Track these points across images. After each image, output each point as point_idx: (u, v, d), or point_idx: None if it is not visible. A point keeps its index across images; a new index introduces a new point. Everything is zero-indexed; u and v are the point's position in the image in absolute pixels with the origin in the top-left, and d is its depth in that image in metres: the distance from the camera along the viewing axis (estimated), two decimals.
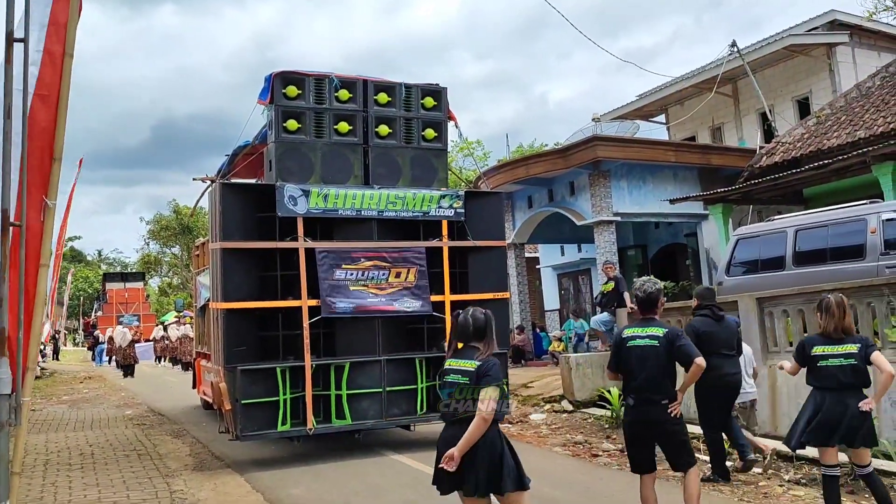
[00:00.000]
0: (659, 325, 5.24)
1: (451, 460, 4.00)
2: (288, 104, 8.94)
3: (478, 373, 4.09)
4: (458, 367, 4.21)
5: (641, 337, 5.17)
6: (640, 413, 5.17)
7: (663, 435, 5.21)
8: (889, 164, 12.60)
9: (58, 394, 19.11)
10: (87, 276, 61.97)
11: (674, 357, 5.12)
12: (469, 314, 4.30)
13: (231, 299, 8.38)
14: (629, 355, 5.19)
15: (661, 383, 5.11)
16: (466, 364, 4.18)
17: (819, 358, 5.35)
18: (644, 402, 5.12)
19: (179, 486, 7.58)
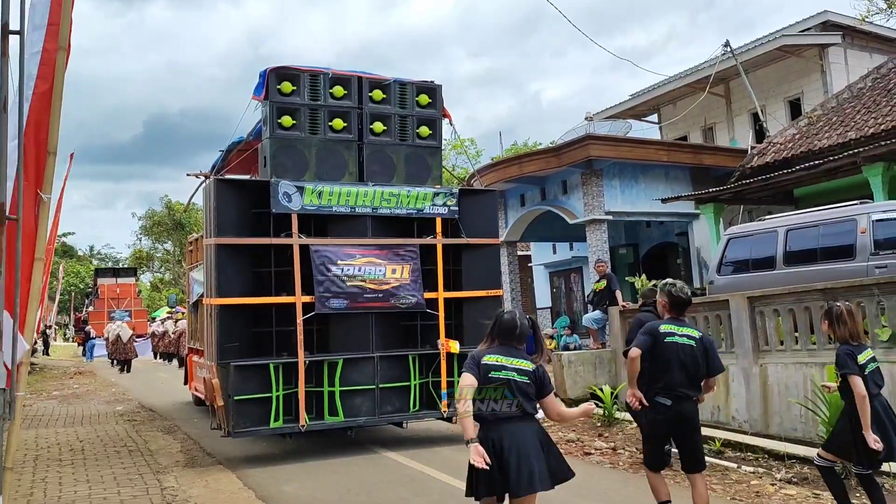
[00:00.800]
0: (691, 327, 5.38)
1: None
2: (282, 100, 8.93)
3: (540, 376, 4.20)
4: (515, 366, 4.18)
5: (679, 335, 5.23)
6: (676, 410, 5.18)
7: (693, 431, 5.27)
8: (879, 166, 12.69)
9: (48, 389, 19.02)
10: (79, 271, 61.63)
11: (706, 361, 5.22)
12: (517, 317, 4.33)
13: (224, 295, 8.36)
14: (667, 351, 5.19)
15: (695, 382, 5.22)
16: (524, 364, 4.20)
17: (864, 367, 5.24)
18: (680, 398, 5.17)
19: (171, 483, 7.56)
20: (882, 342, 7.89)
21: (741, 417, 9.38)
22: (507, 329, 4.28)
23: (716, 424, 9.63)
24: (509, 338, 4.27)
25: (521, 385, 4.14)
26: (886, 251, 9.52)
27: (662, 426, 5.30)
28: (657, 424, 5.34)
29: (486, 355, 4.22)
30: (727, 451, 8.49)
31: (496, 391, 4.14)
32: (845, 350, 5.27)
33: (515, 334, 4.27)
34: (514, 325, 4.27)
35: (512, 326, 4.27)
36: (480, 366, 4.17)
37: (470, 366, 4.19)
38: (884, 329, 7.92)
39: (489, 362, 4.19)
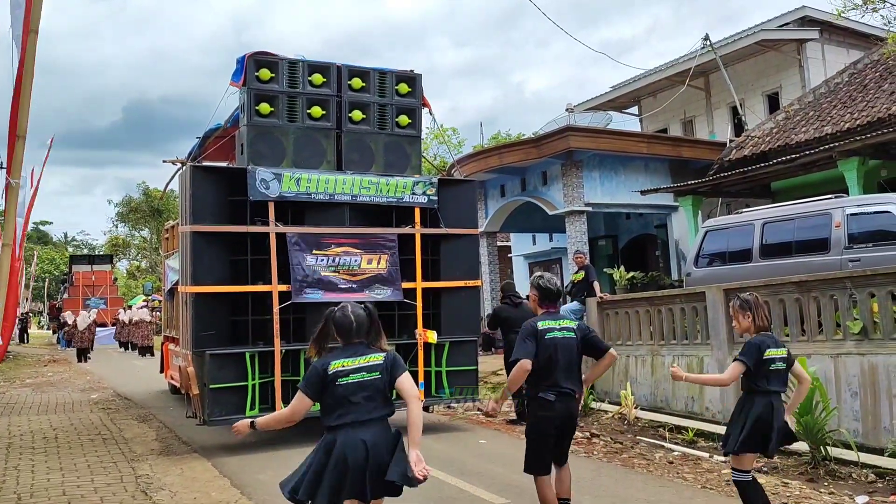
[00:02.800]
0: (567, 318, 5.11)
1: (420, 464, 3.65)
2: (261, 87, 8.85)
3: (390, 363, 3.87)
4: (363, 365, 3.85)
5: (558, 329, 4.94)
6: (564, 407, 4.90)
7: (573, 430, 5.06)
8: (854, 160, 12.85)
9: (21, 377, 18.81)
10: (53, 257, 60.92)
11: (586, 349, 4.98)
12: (349, 311, 3.99)
13: (200, 283, 8.30)
14: (548, 348, 4.88)
15: (578, 376, 4.98)
16: (372, 358, 3.87)
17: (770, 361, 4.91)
18: (565, 395, 4.89)
19: (145, 471, 7.51)
20: (853, 335, 8.00)
21: (714, 408, 9.48)
22: (344, 329, 3.94)
23: (689, 414, 9.74)
24: (349, 337, 3.93)
25: (377, 382, 3.82)
26: (860, 245, 9.65)
27: (550, 424, 4.90)
28: (545, 422, 4.92)
29: (333, 362, 3.83)
30: (700, 441, 8.59)
31: (353, 396, 3.78)
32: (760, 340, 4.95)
33: (353, 331, 3.92)
34: (350, 322, 3.93)
35: (347, 324, 3.94)
36: (325, 379, 3.79)
37: (308, 385, 3.85)
38: (855, 322, 8.03)
39: (336, 369, 3.81)
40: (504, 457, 7.94)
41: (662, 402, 10.40)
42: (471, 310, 9.82)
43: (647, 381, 10.65)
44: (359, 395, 3.79)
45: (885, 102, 14.68)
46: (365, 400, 3.80)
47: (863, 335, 7.95)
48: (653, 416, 9.93)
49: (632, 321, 11.24)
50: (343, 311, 4.01)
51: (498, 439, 9.14)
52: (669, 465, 7.52)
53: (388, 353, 3.94)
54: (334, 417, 3.83)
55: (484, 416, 10.60)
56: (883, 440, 7.41)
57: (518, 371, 4.84)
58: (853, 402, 7.83)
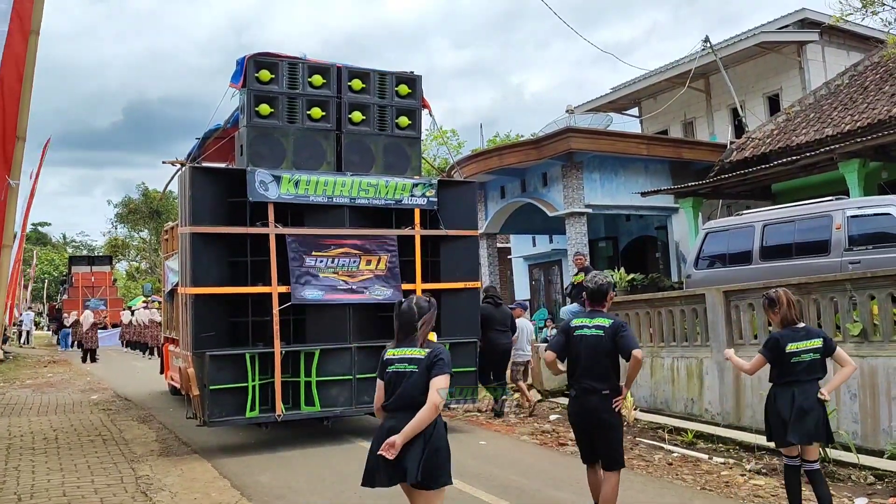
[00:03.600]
0: (605, 317, 5.20)
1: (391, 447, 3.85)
2: (260, 88, 8.85)
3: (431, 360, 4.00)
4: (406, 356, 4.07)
5: (588, 327, 5.14)
6: (581, 402, 5.12)
7: (600, 425, 5.07)
8: (855, 162, 12.85)
9: (21, 378, 18.81)
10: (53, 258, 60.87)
11: (616, 347, 5.06)
12: (413, 303, 4.18)
13: (200, 284, 8.30)
14: (575, 344, 5.14)
15: (603, 373, 5.05)
16: (415, 352, 4.06)
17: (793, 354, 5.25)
18: (586, 391, 5.06)
19: (145, 472, 7.52)
20: (853, 337, 8.00)
21: (714, 410, 9.48)
22: (404, 319, 4.15)
23: (689, 416, 9.74)
24: (408, 327, 4.13)
25: (407, 374, 4.01)
26: (860, 247, 9.65)
27: (573, 418, 5.31)
28: (570, 416, 5.41)
29: (387, 351, 4.15)
30: (699, 443, 8.59)
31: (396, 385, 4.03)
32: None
33: (413, 321, 4.11)
34: (411, 313, 4.13)
35: (410, 315, 4.13)
36: (382, 363, 4.15)
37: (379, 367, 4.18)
38: (855, 324, 8.03)
39: (387, 357, 4.14)
40: (504, 458, 7.94)
41: (662, 404, 10.40)
42: (470, 311, 9.82)
43: (647, 383, 10.65)
44: (399, 384, 4.02)
45: (886, 104, 14.68)
46: (404, 389, 4.00)
47: (862, 337, 7.95)
48: (652, 418, 9.92)
49: (632, 323, 11.22)
50: (408, 302, 4.21)
51: (498, 441, 9.14)
52: (669, 467, 7.52)
53: (433, 349, 4.07)
54: (385, 401, 4.09)
55: (486, 418, 10.64)
56: (882, 442, 7.41)
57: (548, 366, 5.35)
58: (852, 405, 7.83)
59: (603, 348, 5.05)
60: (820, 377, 5.31)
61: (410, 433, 3.87)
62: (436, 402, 3.91)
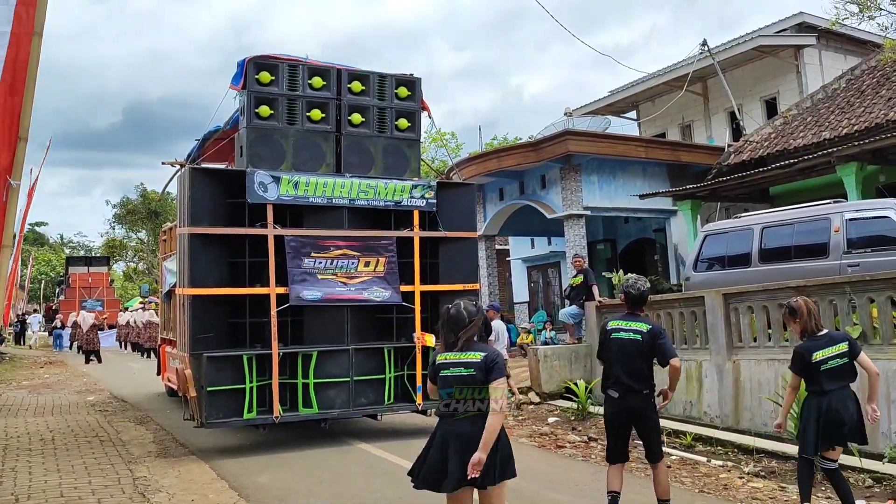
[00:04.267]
0: (643, 322, 5.45)
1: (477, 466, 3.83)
2: (261, 90, 8.84)
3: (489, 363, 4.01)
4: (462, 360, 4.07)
5: (625, 330, 5.39)
6: (623, 402, 5.36)
7: (645, 423, 5.42)
8: (852, 165, 12.87)
9: (17, 379, 18.76)
10: (50, 259, 60.73)
11: (654, 353, 5.31)
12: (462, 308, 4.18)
13: (198, 285, 8.29)
14: (612, 346, 5.42)
15: (640, 375, 5.33)
16: (471, 356, 4.07)
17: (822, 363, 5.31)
18: (627, 391, 5.32)
19: (143, 473, 7.49)
20: None
21: (713, 412, 9.48)
22: (454, 323, 4.14)
23: (688, 419, 9.73)
24: (458, 331, 4.13)
25: (466, 378, 4.02)
26: (859, 250, 9.66)
27: (612, 419, 5.49)
28: (608, 417, 5.55)
29: (440, 354, 4.18)
30: (698, 446, 8.59)
31: (451, 389, 4.04)
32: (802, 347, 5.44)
33: (464, 326, 4.11)
34: (462, 318, 4.13)
35: (460, 319, 4.13)
36: (434, 367, 4.17)
37: (429, 371, 4.25)
38: (854, 327, 8.03)
39: (440, 361, 4.13)
40: None
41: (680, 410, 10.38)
42: None
43: None
44: (459, 388, 4.03)
45: (883, 108, 14.72)
46: (465, 394, 4.03)
47: (862, 340, 7.93)
48: None
49: None
50: (456, 307, 4.21)
51: None
52: (667, 469, 7.50)
53: (487, 353, 4.10)
54: (440, 407, 4.13)
55: None
56: (881, 445, 7.41)
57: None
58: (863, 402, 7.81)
59: (640, 352, 5.32)
60: (851, 381, 5.37)
61: (488, 443, 3.88)
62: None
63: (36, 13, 4.38)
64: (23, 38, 4.40)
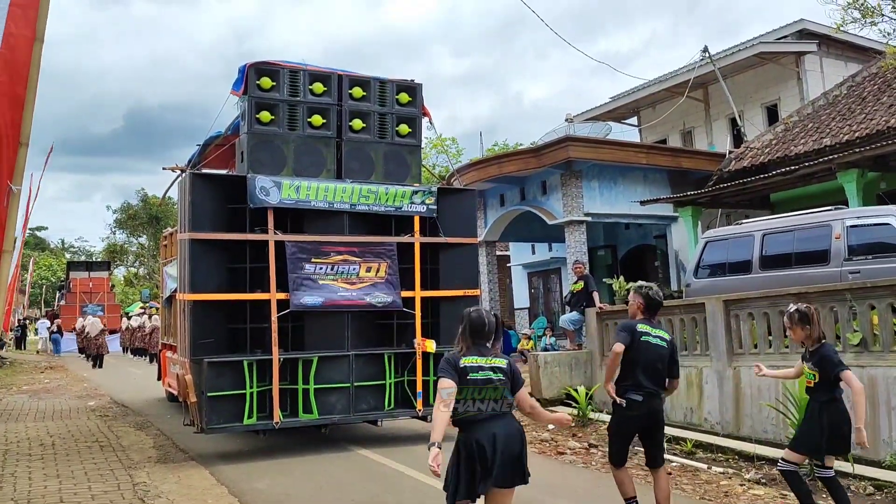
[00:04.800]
0: (663, 329, 5.63)
1: None
2: (261, 96, 8.86)
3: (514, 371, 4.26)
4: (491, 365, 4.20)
5: (653, 336, 5.46)
6: (648, 406, 5.38)
7: (659, 428, 5.53)
8: (853, 172, 12.87)
9: (18, 383, 18.75)
10: (51, 264, 60.80)
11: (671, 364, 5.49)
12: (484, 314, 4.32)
13: (199, 291, 8.29)
14: (641, 349, 5.41)
15: (661, 380, 5.47)
16: (498, 361, 4.23)
17: None
18: (651, 395, 5.39)
19: (142, 479, 7.48)
20: (853, 346, 8.00)
21: (713, 419, 9.46)
22: (477, 328, 4.28)
23: (688, 426, 9.71)
24: (480, 336, 4.27)
25: (498, 383, 4.18)
26: (859, 257, 9.65)
27: (634, 422, 5.45)
28: (628, 420, 5.46)
29: (464, 357, 4.21)
30: (698, 452, 8.57)
31: (480, 392, 4.15)
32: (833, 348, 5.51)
33: (485, 332, 4.27)
34: (483, 323, 4.27)
35: (481, 325, 4.27)
36: (458, 369, 4.17)
37: (447, 370, 4.18)
38: (855, 334, 8.03)
39: (467, 364, 4.19)
40: None
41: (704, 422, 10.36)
42: None
43: None
44: (488, 391, 4.16)
45: (884, 115, 14.73)
46: (493, 396, 4.17)
47: (862, 347, 7.95)
48: None
49: None
50: (479, 311, 4.35)
51: None
52: (668, 476, 7.49)
53: (508, 359, 4.30)
54: (467, 409, 4.17)
55: None
56: (881, 452, 7.40)
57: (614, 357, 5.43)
58: (852, 414, 7.79)
59: (663, 358, 5.45)
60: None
61: None
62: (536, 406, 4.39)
63: (37, 18, 4.39)
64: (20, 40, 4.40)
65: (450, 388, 4.07)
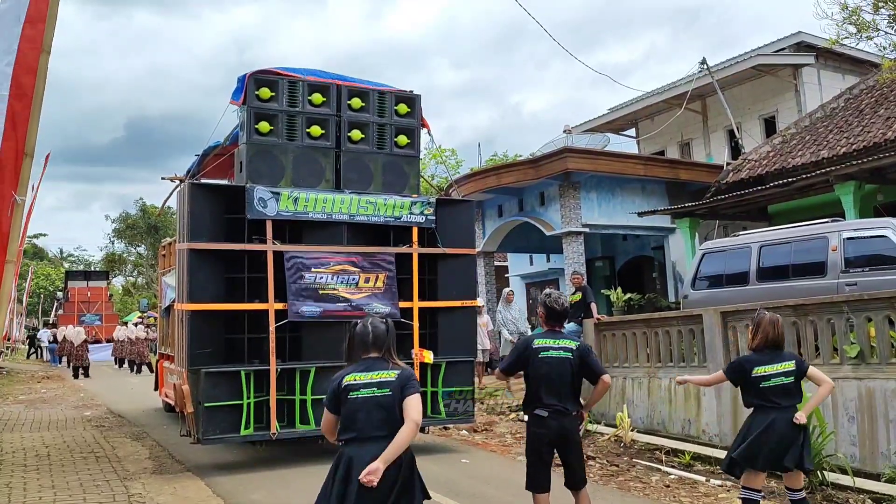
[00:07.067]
0: (569, 338, 5.21)
1: (371, 474, 3.57)
2: (260, 106, 8.87)
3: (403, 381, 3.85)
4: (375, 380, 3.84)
5: (555, 349, 5.08)
6: (557, 423, 5.03)
7: (572, 446, 5.13)
8: (851, 184, 12.91)
9: (14, 393, 18.69)
10: (49, 273, 60.72)
11: (583, 371, 5.09)
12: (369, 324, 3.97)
13: (196, 301, 8.28)
14: (541, 365, 5.06)
15: (571, 395, 5.07)
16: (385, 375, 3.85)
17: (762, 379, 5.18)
18: (559, 412, 5.02)
19: (138, 490, 7.45)
20: (850, 359, 7.99)
21: (711, 431, 9.44)
22: (359, 341, 3.95)
23: (686, 437, 9.68)
24: (364, 349, 3.94)
25: (382, 400, 3.80)
26: (856, 269, 9.67)
27: (541, 440, 5.10)
28: (536, 438, 5.14)
29: (345, 377, 3.87)
30: (696, 465, 8.54)
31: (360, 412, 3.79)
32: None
33: (369, 343, 3.92)
34: (366, 334, 3.93)
35: (363, 336, 3.94)
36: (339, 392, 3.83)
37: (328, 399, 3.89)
38: (852, 346, 8.02)
39: (348, 383, 3.84)
40: (498, 478, 7.89)
41: (659, 425, 10.35)
42: (467, 330, 9.80)
43: (644, 404, 10.61)
44: (368, 410, 3.78)
45: (881, 127, 14.79)
46: (374, 416, 3.78)
47: (860, 359, 7.94)
48: (649, 439, 9.87)
49: (629, 343, 11.21)
50: (363, 323, 3.99)
51: (492, 460, 9.09)
52: (666, 489, 7.48)
53: (402, 370, 3.92)
54: (344, 431, 3.85)
55: (482, 438, 10.54)
56: (880, 465, 7.38)
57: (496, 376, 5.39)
58: (850, 427, 7.80)
59: (570, 370, 5.05)
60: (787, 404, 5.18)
61: (392, 456, 3.65)
62: (417, 420, 3.75)
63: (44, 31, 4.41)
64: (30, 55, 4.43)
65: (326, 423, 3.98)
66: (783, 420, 5.09)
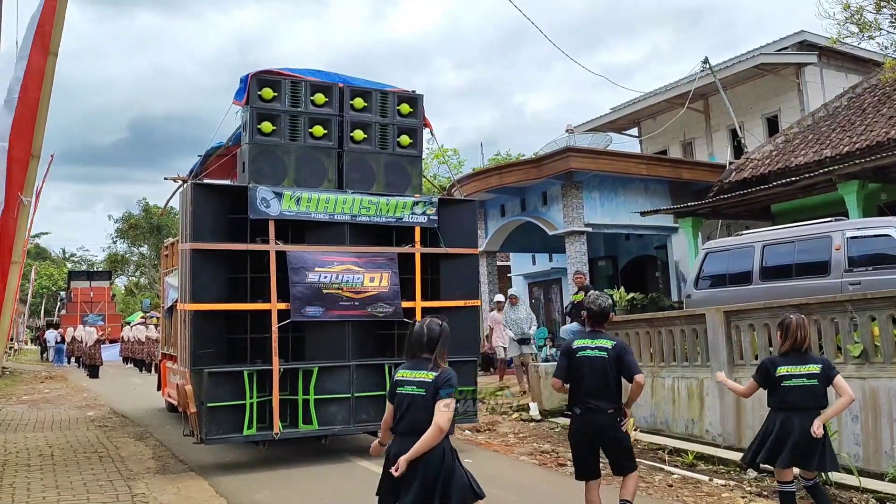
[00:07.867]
0: (607, 338, 5.42)
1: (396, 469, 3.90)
2: (263, 106, 8.88)
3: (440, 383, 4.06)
4: (416, 379, 4.12)
5: (591, 348, 5.34)
6: (590, 420, 5.29)
7: (609, 442, 5.36)
8: (854, 183, 12.88)
9: (17, 393, 18.73)
10: (52, 273, 60.77)
11: (620, 370, 5.28)
12: (425, 325, 4.23)
13: (199, 301, 8.28)
14: (578, 365, 5.33)
15: (608, 393, 5.28)
16: (424, 375, 4.11)
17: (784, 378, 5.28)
18: (592, 410, 5.26)
19: (141, 490, 7.46)
20: (854, 358, 7.98)
21: (715, 431, 9.43)
22: (414, 341, 4.22)
23: (689, 437, 9.68)
24: (419, 349, 4.20)
25: (418, 399, 4.06)
26: (860, 268, 9.64)
27: (577, 436, 5.45)
28: (573, 434, 5.52)
29: (399, 371, 4.20)
30: (700, 465, 8.54)
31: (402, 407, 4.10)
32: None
33: (423, 343, 4.18)
34: (421, 335, 4.20)
35: (418, 336, 4.20)
36: (392, 385, 4.18)
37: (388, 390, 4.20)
38: (856, 345, 8.01)
39: (397, 378, 4.18)
40: (502, 478, 7.89)
41: (662, 425, 10.35)
42: (470, 330, 9.80)
43: (647, 403, 10.60)
44: (409, 406, 4.07)
45: (884, 126, 14.75)
46: (413, 413, 4.05)
47: (863, 358, 7.93)
48: (652, 439, 9.87)
49: (632, 342, 11.19)
50: (421, 324, 4.28)
51: (496, 460, 9.08)
52: (669, 489, 7.47)
53: (441, 372, 4.11)
54: (395, 424, 4.15)
55: (486, 438, 10.54)
56: (884, 465, 7.37)
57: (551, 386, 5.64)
58: (854, 426, 7.79)
59: (606, 369, 5.27)
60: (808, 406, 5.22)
61: (415, 455, 3.90)
62: (441, 426, 3.95)
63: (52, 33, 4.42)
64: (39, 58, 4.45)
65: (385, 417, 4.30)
66: (801, 424, 5.15)
